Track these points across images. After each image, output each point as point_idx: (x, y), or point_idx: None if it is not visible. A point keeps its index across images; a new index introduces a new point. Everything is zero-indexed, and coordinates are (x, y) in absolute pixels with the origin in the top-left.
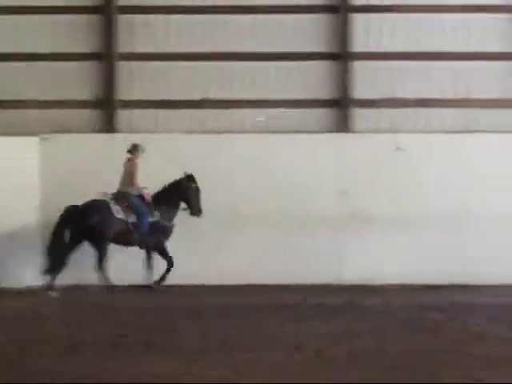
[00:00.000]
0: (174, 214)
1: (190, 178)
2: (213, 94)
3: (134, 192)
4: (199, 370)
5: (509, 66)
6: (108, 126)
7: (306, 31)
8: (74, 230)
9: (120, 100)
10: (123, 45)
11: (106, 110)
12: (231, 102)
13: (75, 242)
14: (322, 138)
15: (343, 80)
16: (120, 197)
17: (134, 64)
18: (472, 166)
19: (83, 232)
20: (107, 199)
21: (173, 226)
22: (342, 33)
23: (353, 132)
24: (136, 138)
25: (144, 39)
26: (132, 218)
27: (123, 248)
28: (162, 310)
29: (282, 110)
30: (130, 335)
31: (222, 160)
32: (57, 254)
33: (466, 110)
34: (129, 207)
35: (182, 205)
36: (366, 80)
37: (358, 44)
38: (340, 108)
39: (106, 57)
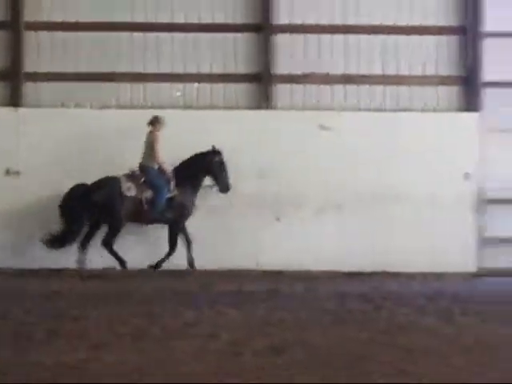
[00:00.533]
0: (195, 191)
1: (215, 152)
2: (126, 67)
3: (155, 166)
4: (109, 358)
5: (442, 40)
6: (13, 99)
7: (226, 1)
8: (81, 208)
9: (26, 72)
10: (30, 13)
11: (11, 82)
12: (146, 76)
13: (84, 220)
14: (242, 115)
15: (265, 54)
16: (140, 171)
17: (42, 34)
18: (402, 146)
19: (92, 210)
20: (120, 176)
21: (193, 205)
22: (264, 3)
23: (275, 109)
24: (42, 113)
25: (52, 7)
26: (148, 194)
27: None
28: (71, 295)
29: (196, 84)
30: (35, 322)
31: (136, 137)
32: (70, 229)
33: (396, 88)
34: (146, 182)
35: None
36: (290, 54)
37: (282, 16)
38: (261, 83)
39: (11, 26)
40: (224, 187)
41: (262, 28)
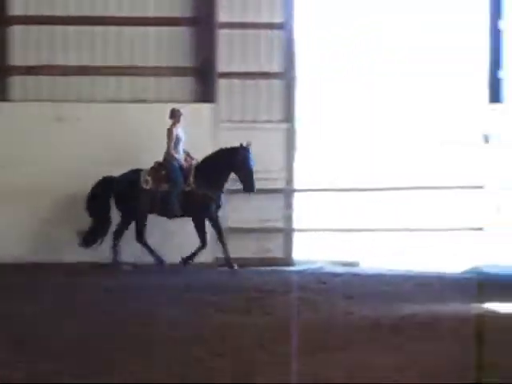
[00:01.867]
0: (219, 186)
1: (240, 149)
2: None
3: (174, 160)
4: None
5: (176, 31)
6: None
7: None
8: (106, 201)
9: None
10: None
11: None
12: None
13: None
14: None
15: (0, 45)
16: (162, 165)
17: None
18: (139, 137)
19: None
20: (143, 170)
21: (219, 199)
22: None
23: (11, 101)
24: None
25: None
26: (163, 188)
27: None
28: None
29: None
30: None
31: None
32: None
33: (131, 78)
34: (165, 176)
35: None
36: (25, 46)
37: (17, 7)
38: None
39: None
40: (247, 186)
41: None
